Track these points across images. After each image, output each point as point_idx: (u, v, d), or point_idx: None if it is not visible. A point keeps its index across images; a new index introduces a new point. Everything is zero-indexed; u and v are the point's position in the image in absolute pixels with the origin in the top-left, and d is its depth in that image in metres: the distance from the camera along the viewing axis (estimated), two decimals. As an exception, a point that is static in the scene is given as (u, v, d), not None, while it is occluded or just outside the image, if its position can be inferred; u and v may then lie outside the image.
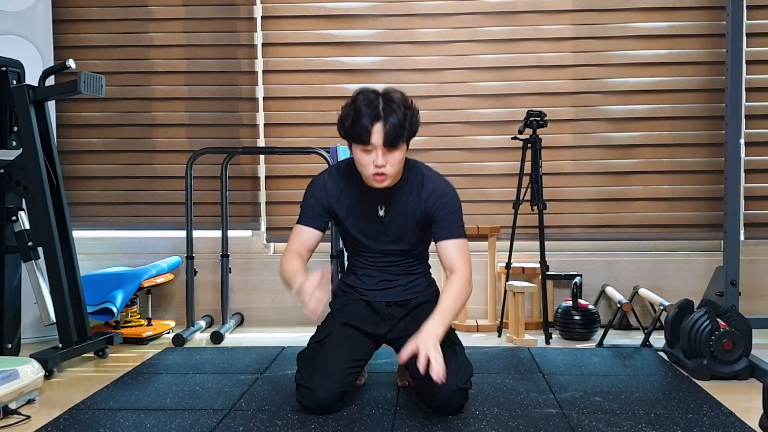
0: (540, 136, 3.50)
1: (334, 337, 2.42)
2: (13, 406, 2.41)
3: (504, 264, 3.68)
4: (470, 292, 2.38)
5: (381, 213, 2.43)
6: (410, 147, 4.08)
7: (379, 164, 2.25)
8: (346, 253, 2.73)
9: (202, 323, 3.77)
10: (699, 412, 2.33)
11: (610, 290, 3.73)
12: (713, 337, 2.75)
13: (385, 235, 2.46)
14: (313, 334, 2.52)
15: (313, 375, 2.33)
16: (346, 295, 2.57)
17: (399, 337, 2.44)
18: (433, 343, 2.12)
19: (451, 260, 2.36)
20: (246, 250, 3.99)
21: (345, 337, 2.43)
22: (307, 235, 2.45)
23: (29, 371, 2.47)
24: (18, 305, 3.14)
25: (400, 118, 2.22)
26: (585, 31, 3.90)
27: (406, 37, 3.95)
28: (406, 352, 2.12)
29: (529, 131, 3.52)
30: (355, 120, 2.22)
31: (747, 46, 3.77)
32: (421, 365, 2.08)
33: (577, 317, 3.52)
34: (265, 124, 4.02)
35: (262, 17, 3.99)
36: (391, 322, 2.50)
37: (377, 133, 2.21)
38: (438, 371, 2.05)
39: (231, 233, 3.82)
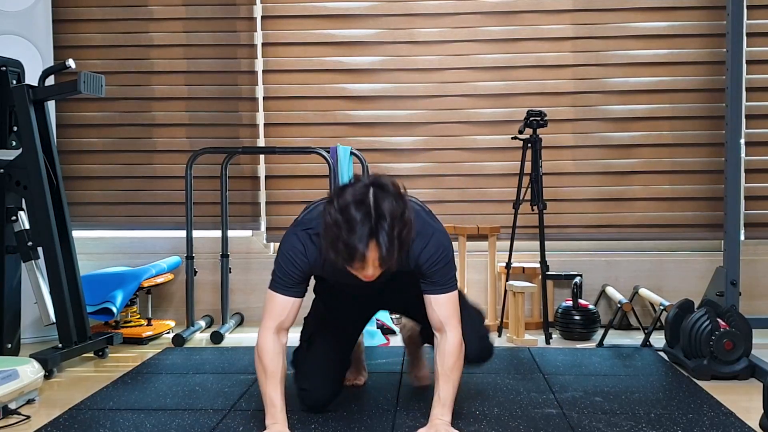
0: (540, 136, 3.50)
1: (320, 335, 2.42)
2: (13, 406, 2.40)
3: (504, 264, 3.68)
4: (463, 355, 2.13)
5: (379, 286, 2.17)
6: (412, 147, 4.08)
7: (369, 275, 1.95)
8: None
9: (202, 323, 3.77)
10: (699, 412, 2.33)
11: (610, 290, 3.73)
12: (713, 337, 2.75)
13: (382, 305, 2.45)
14: (301, 328, 2.50)
15: (308, 377, 2.36)
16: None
17: (391, 299, 2.46)
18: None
19: (439, 318, 2.11)
20: (246, 250, 3.99)
21: (330, 333, 2.42)
22: (285, 305, 2.12)
23: (29, 371, 2.47)
24: (18, 305, 3.13)
25: (391, 235, 1.86)
26: (585, 31, 3.90)
27: (406, 37, 3.95)
28: None
29: (529, 131, 3.51)
30: (343, 239, 1.85)
31: (747, 46, 3.76)
32: None
33: (577, 317, 3.52)
34: (265, 124, 4.02)
35: (262, 17, 3.99)
36: (377, 294, 2.39)
37: (372, 258, 1.88)
38: None
39: (231, 233, 3.82)
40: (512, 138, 3.56)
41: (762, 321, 3.16)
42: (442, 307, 2.11)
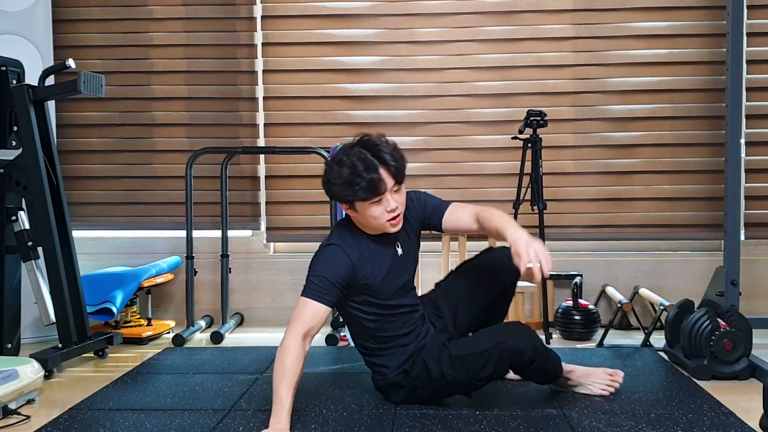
0: (540, 135, 3.50)
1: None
2: (12, 406, 2.41)
3: (504, 264, 3.67)
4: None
5: (400, 252, 2.41)
6: (411, 148, 4.09)
7: (393, 208, 2.23)
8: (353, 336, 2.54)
9: (202, 323, 3.77)
10: (699, 412, 2.33)
11: (610, 290, 3.72)
12: (713, 337, 2.75)
13: (403, 277, 2.42)
14: None
15: None
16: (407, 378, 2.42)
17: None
18: (530, 239, 2.21)
19: (466, 215, 2.40)
20: (246, 250, 3.99)
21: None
22: (317, 312, 2.23)
23: (29, 371, 2.47)
24: (18, 305, 3.14)
25: (393, 153, 2.22)
26: (585, 31, 3.90)
27: (406, 37, 3.94)
28: (522, 265, 2.19)
29: (529, 131, 3.51)
30: (358, 176, 2.15)
31: (747, 46, 3.76)
32: (536, 274, 2.20)
33: (577, 317, 3.52)
34: (265, 124, 4.02)
35: (262, 17, 3.99)
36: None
37: (386, 178, 2.19)
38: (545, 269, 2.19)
39: (231, 233, 3.82)
40: (512, 138, 3.56)
41: (762, 321, 3.15)
42: (459, 209, 2.42)
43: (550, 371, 2.45)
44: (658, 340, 3.26)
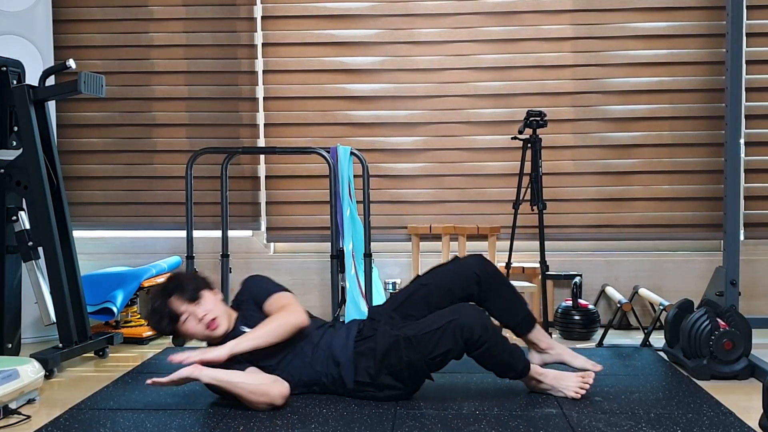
0: (540, 136, 3.50)
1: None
2: (13, 406, 2.41)
3: (504, 264, 3.67)
4: (288, 327, 2.48)
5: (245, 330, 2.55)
6: (412, 147, 4.09)
7: (200, 316, 2.50)
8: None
9: (202, 323, 3.76)
10: (699, 412, 2.33)
11: (610, 290, 3.73)
12: (713, 337, 2.75)
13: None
14: None
15: None
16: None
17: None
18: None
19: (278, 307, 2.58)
20: (246, 250, 3.99)
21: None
22: None
23: (29, 371, 2.47)
24: (18, 305, 3.14)
25: (184, 282, 2.57)
26: (585, 31, 3.90)
27: (406, 37, 3.95)
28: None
29: (529, 131, 3.51)
30: (153, 323, 2.53)
31: (747, 46, 3.77)
32: None
33: (577, 317, 3.52)
34: (265, 124, 4.02)
35: (262, 17, 3.99)
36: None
37: (176, 303, 2.50)
38: None
39: (231, 233, 3.82)
40: (512, 138, 3.56)
41: (762, 321, 3.16)
42: (275, 303, 2.59)
43: (507, 360, 2.41)
44: (658, 340, 3.26)
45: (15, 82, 3.05)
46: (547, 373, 2.53)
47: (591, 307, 3.58)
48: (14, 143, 3.04)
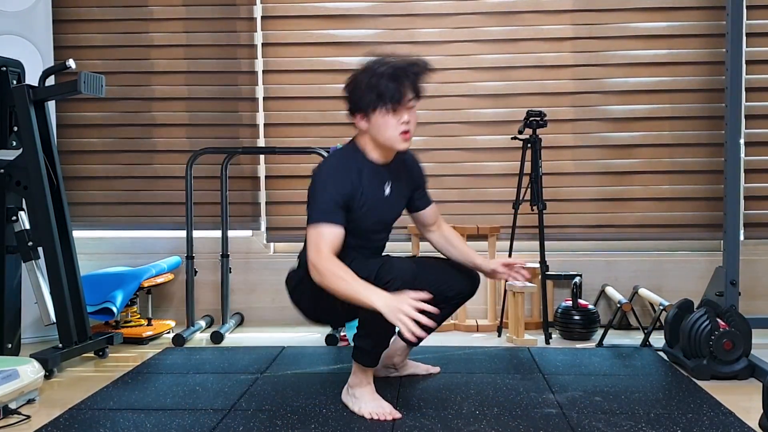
0: (540, 136, 3.50)
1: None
2: (13, 406, 2.41)
3: (504, 264, 3.67)
4: None
5: (387, 191, 2.44)
6: (412, 147, 4.07)
7: (406, 120, 2.29)
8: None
9: (202, 323, 3.77)
10: (699, 412, 2.33)
11: (610, 290, 3.73)
12: (713, 337, 2.75)
13: (385, 216, 2.47)
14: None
15: (390, 269, 2.20)
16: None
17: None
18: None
19: (437, 218, 2.69)
20: (246, 250, 3.99)
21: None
22: (334, 235, 2.22)
23: (29, 371, 2.47)
24: (18, 305, 3.14)
25: (416, 67, 2.30)
26: (585, 31, 3.90)
27: (406, 37, 3.95)
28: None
29: (529, 131, 3.52)
30: (382, 83, 2.24)
31: (747, 46, 3.77)
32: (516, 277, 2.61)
33: (577, 317, 3.52)
34: (265, 124, 4.02)
35: (262, 17, 3.99)
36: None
37: (407, 89, 2.27)
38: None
39: (231, 233, 3.82)
40: (512, 138, 3.56)
41: (761, 321, 3.16)
42: (436, 212, 2.67)
43: (369, 331, 2.26)
44: (658, 340, 3.26)
45: (15, 82, 3.05)
46: (408, 364, 2.76)
47: (591, 307, 3.58)
48: (14, 143, 3.04)
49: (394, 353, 2.74)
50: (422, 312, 2.03)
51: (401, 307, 2.02)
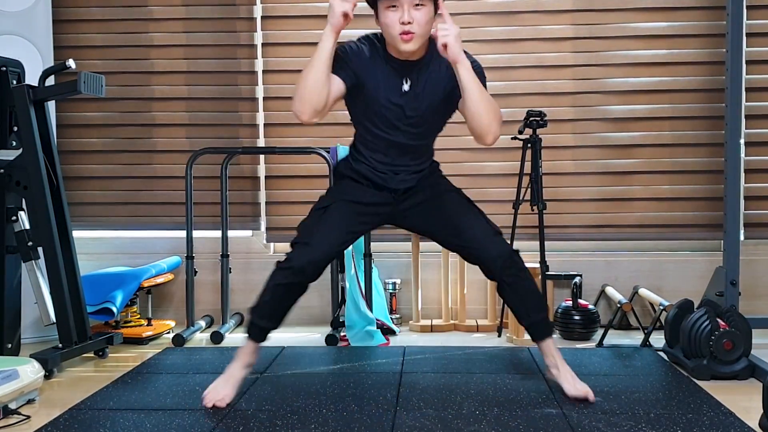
0: (540, 136, 3.50)
1: (336, 206, 2.49)
2: (13, 406, 2.41)
3: (504, 264, 3.67)
4: (498, 115, 2.39)
5: (405, 87, 2.39)
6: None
7: (405, 20, 2.23)
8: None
9: (202, 323, 3.77)
10: (699, 412, 2.33)
11: (610, 290, 3.73)
12: (713, 337, 2.75)
13: (404, 113, 2.43)
14: (316, 202, 2.57)
15: (314, 233, 2.40)
16: (350, 176, 2.58)
17: (410, 207, 2.56)
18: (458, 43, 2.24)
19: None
20: (246, 250, 3.99)
21: (347, 208, 2.49)
22: (332, 79, 2.38)
23: (29, 371, 2.47)
24: (18, 305, 3.14)
25: None
26: (585, 31, 3.90)
27: (406, 37, 3.94)
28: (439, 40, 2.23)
29: (529, 131, 3.51)
30: None
31: (747, 46, 3.76)
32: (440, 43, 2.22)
33: (577, 317, 3.52)
34: (265, 124, 4.02)
35: (262, 17, 3.99)
36: (402, 199, 2.56)
37: None
38: (445, 37, 2.20)
39: (231, 233, 3.82)
40: (512, 138, 3.56)
41: (762, 321, 3.16)
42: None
43: None
44: (658, 340, 3.26)
45: (15, 82, 3.05)
46: (564, 367, 2.54)
47: (591, 307, 3.58)
48: (14, 143, 3.04)
49: None
50: None
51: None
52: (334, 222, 2.45)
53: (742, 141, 3.19)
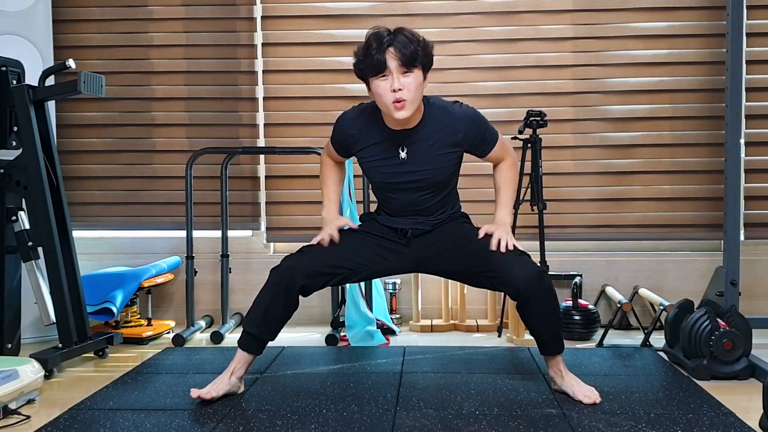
0: (540, 136, 3.50)
1: (346, 233, 2.60)
2: (13, 406, 2.41)
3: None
4: (518, 175, 2.69)
5: (403, 156, 2.46)
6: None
7: (396, 87, 2.29)
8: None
9: (202, 323, 3.77)
10: (699, 412, 2.33)
11: (610, 290, 3.73)
12: (713, 337, 2.75)
13: (406, 179, 2.48)
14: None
15: (314, 247, 2.53)
16: (371, 221, 2.66)
17: (431, 255, 2.56)
18: (506, 229, 2.52)
19: (498, 157, 2.60)
20: (246, 250, 3.99)
21: (355, 234, 2.60)
22: (334, 153, 2.65)
23: (29, 371, 2.47)
24: (18, 305, 3.14)
25: (411, 40, 2.31)
26: (585, 31, 3.90)
27: (406, 37, 3.94)
28: (482, 232, 2.51)
29: (529, 131, 3.51)
30: (368, 51, 2.31)
31: (747, 46, 3.76)
32: (493, 245, 2.44)
33: (577, 317, 3.52)
34: (265, 124, 4.02)
35: (262, 17, 3.99)
36: (416, 241, 2.58)
37: (391, 56, 2.29)
38: (509, 246, 2.44)
39: (231, 233, 3.82)
40: (512, 138, 3.55)
41: (762, 321, 3.16)
42: (497, 152, 2.58)
43: None
44: (658, 340, 3.26)
45: (15, 82, 3.05)
46: (567, 375, 2.55)
47: (591, 307, 3.58)
48: (14, 143, 3.04)
49: None
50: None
51: (326, 228, 2.56)
52: (337, 244, 2.54)
53: (742, 141, 3.18)
